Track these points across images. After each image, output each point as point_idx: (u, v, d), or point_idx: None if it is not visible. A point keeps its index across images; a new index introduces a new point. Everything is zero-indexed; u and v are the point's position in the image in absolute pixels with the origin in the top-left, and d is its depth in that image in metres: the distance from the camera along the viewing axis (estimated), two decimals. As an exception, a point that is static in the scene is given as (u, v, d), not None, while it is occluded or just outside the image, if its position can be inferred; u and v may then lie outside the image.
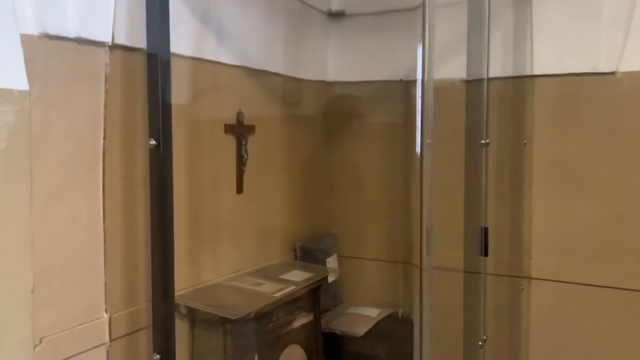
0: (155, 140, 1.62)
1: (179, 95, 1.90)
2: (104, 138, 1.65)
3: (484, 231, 2.20)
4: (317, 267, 2.53)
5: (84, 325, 1.60)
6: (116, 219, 1.70)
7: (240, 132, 2.25)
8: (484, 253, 2.22)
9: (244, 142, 2.27)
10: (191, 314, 1.98)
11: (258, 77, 2.36)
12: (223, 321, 1.92)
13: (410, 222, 2.59)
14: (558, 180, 2.36)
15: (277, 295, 2.08)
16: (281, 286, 2.16)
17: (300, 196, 2.69)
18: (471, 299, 2.25)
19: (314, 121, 2.85)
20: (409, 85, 2.63)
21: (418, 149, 1.56)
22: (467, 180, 2.25)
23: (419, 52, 1.53)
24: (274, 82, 2.50)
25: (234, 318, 1.88)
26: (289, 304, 2.19)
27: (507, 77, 2.40)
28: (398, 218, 2.74)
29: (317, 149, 2.86)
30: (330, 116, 2.90)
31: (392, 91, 2.71)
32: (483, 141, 2.14)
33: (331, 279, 2.58)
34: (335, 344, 2.51)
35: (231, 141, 2.23)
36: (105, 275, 1.67)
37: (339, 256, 2.79)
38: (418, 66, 1.52)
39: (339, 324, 2.58)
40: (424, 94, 1.53)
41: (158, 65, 1.61)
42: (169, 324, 1.69)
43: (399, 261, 2.73)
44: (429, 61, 1.53)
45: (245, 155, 2.27)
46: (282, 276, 2.30)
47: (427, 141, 1.53)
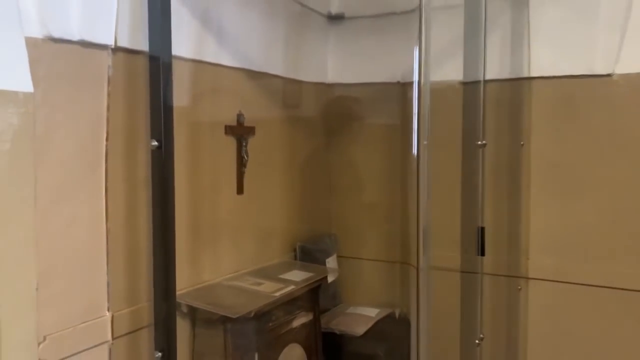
0: (157, 141, 1.64)
1: (180, 97, 1.91)
2: (107, 139, 1.66)
3: (481, 231, 2.22)
4: (317, 267, 2.54)
5: (87, 323, 1.61)
6: (118, 219, 1.71)
7: (240, 134, 2.27)
8: (481, 253, 2.24)
9: (245, 144, 2.28)
10: (192, 313, 1.99)
11: (258, 79, 2.37)
12: (223, 320, 1.94)
13: (408, 223, 2.60)
14: (555, 180, 2.37)
15: (277, 294, 2.09)
16: (281, 286, 2.17)
17: (300, 197, 2.70)
18: (468, 298, 2.26)
19: (314, 123, 2.86)
20: (406, 87, 2.64)
21: (414, 150, 1.57)
22: (464, 180, 2.27)
23: (415, 55, 1.54)
24: (274, 84, 2.51)
25: (235, 317, 1.89)
26: (289, 304, 2.19)
27: (505, 79, 2.41)
28: (397, 218, 2.75)
29: (317, 150, 2.86)
30: (329, 118, 2.90)
31: (390, 93, 2.72)
32: (480, 142, 2.16)
33: (331, 279, 2.58)
34: (334, 344, 2.51)
35: (232, 142, 2.24)
36: (107, 274, 1.68)
37: (339, 256, 2.80)
38: (414, 68, 1.54)
39: (339, 324, 2.58)
40: (420, 96, 1.54)
41: (160, 67, 1.62)
42: (171, 323, 1.70)
43: (398, 261, 2.74)
44: (426, 63, 1.54)
45: (245, 156, 2.28)
46: (282, 276, 2.31)
47: (424, 142, 1.55)
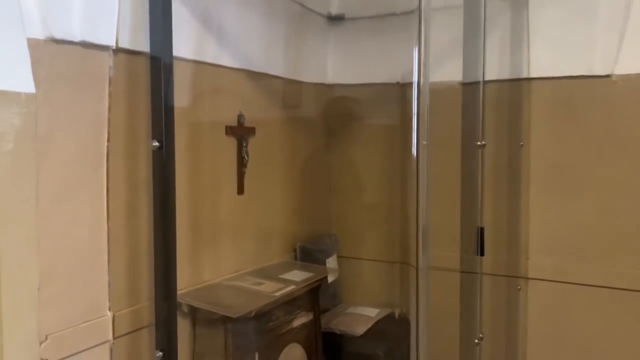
0: (158, 141, 1.64)
1: (181, 97, 1.91)
2: (108, 140, 1.67)
3: (480, 231, 2.23)
4: (317, 267, 2.54)
5: (88, 323, 1.62)
6: (119, 219, 1.72)
7: (241, 134, 2.28)
8: (480, 253, 2.24)
9: (245, 144, 2.29)
10: (193, 313, 2.00)
11: (259, 80, 2.38)
12: (224, 319, 1.94)
13: (407, 223, 2.61)
14: (555, 181, 2.38)
15: (277, 294, 2.09)
16: (281, 286, 2.17)
17: (300, 197, 2.71)
18: (468, 298, 2.27)
19: (314, 123, 2.87)
20: (406, 87, 2.64)
21: (414, 151, 1.58)
22: (464, 181, 2.27)
23: (415, 55, 1.55)
24: (275, 85, 2.52)
25: (235, 316, 1.90)
26: (289, 304, 2.20)
27: (504, 80, 2.42)
28: (396, 219, 2.75)
29: (317, 151, 2.87)
30: (329, 118, 2.91)
31: (390, 94, 2.73)
32: (479, 143, 2.17)
33: (331, 279, 2.58)
34: (334, 343, 2.52)
35: (232, 143, 2.25)
36: (108, 274, 1.69)
37: (339, 256, 2.80)
38: (414, 69, 1.54)
39: (339, 324, 2.59)
40: (420, 96, 1.55)
41: (161, 68, 1.63)
42: (171, 322, 1.71)
43: (397, 261, 2.74)
44: (425, 64, 1.55)
45: (246, 156, 2.29)
46: (282, 276, 2.31)
47: (423, 143, 1.55)
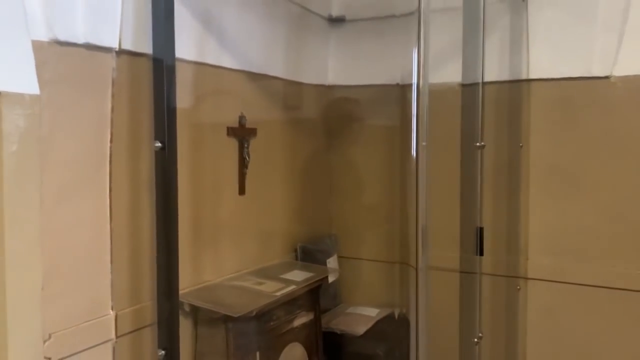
0: (160, 142, 1.66)
1: (183, 99, 1.93)
2: (111, 141, 1.68)
3: (480, 231, 2.24)
4: (318, 268, 2.55)
5: (91, 321, 1.63)
6: (122, 219, 1.73)
7: (242, 135, 2.29)
8: (480, 253, 2.26)
9: (246, 145, 2.30)
10: (194, 312, 2.01)
11: (259, 81, 2.39)
12: (225, 319, 1.95)
13: (407, 223, 2.61)
14: (554, 181, 2.39)
15: (278, 294, 2.10)
16: (282, 286, 2.18)
17: (300, 198, 2.72)
18: (467, 298, 2.28)
19: (314, 124, 2.88)
20: (406, 89, 2.65)
21: (413, 151, 1.59)
22: (463, 181, 2.28)
23: (414, 57, 1.56)
24: (275, 86, 2.53)
25: (236, 316, 1.91)
26: (290, 303, 2.21)
27: (503, 81, 2.43)
28: (396, 219, 2.76)
29: (317, 152, 2.88)
30: (330, 119, 2.92)
31: (390, 95, 2.74)
32: (478, 144, 2.18)
33: (331, 279, 2.59)
34: (335, 343, 2.53)
35: (233, 144, 2.26)
36: (111, 273, 1.70)
37: (339, 257, 2.81)
38: (413, 70, 1.55)
39: (339, 323, 2.60)
40: (419, 98, 1.56)
41: (163, 69, 1.64)
42: (174, 321, 1.73)
43: (397, 261, 2.75)
44: (425, 65, 1.56)
45: (247, 157, 2.30)
46: (283, 276, 2.32)
47: (423, 144, 1.57)
